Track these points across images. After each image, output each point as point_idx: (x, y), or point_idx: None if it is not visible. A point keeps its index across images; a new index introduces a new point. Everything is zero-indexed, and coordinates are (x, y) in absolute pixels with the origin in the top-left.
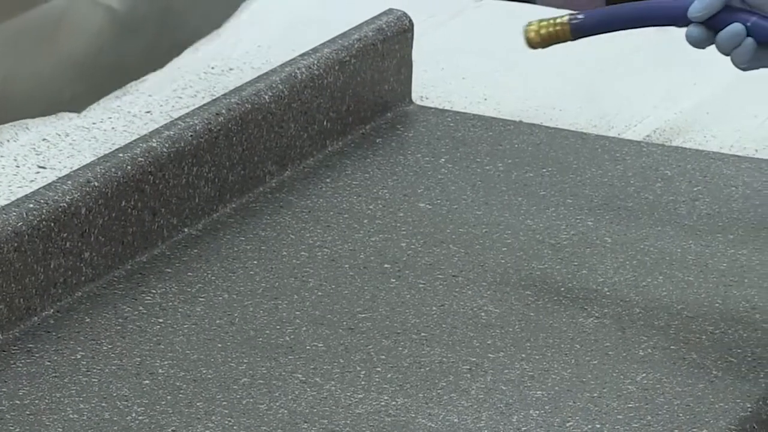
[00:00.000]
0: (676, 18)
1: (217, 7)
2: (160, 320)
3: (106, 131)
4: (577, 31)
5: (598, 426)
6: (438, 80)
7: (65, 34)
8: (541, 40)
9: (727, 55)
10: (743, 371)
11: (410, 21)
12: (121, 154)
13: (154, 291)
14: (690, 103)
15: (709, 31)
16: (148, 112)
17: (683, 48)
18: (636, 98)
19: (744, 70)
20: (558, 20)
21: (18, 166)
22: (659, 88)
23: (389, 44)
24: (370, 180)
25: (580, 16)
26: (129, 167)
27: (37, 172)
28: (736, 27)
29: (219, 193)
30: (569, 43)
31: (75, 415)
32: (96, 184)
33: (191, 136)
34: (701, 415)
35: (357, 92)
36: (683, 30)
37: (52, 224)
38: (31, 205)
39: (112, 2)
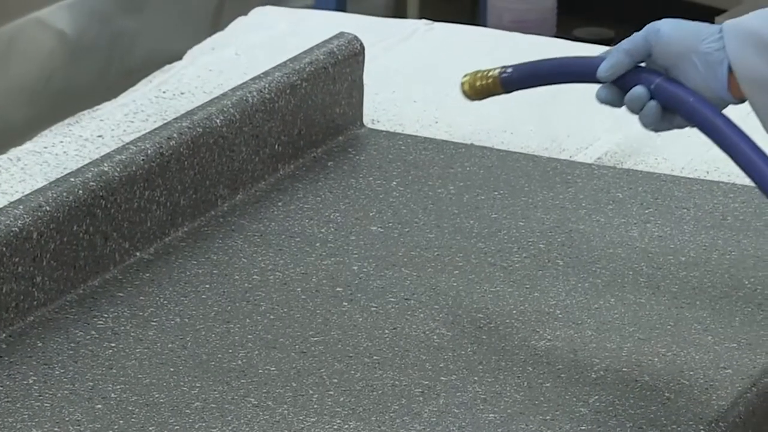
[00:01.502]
0: (591, 76)
1: (170, 34)
2: (113, 344)
3: (58, 155)
4: (506, 84)
5: None
6: (389, 103)
7: (16, 58)
8: (475, 92)
9: (636, 114)
10: (696, 393)
11: (361, 44)
12: (72, 179)
13: (106, 315)
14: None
15: (619, 90)
16: (99, 136)
17: None
18: (587, 121)
19: (655, 131)
20: (490, 73)
21: None
22: (610, 111)
23: (340, 67)
24: (321, 203)
25: (509, 70)
26: (81, 192)
27: None
28: (638, 90)
29: (171, 217)
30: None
31: None
32: (48, 208)
33: (143, 160)
34: None
35: (308, 116)
36: None
37: (4, 249)
38: None
39: (63, 26)
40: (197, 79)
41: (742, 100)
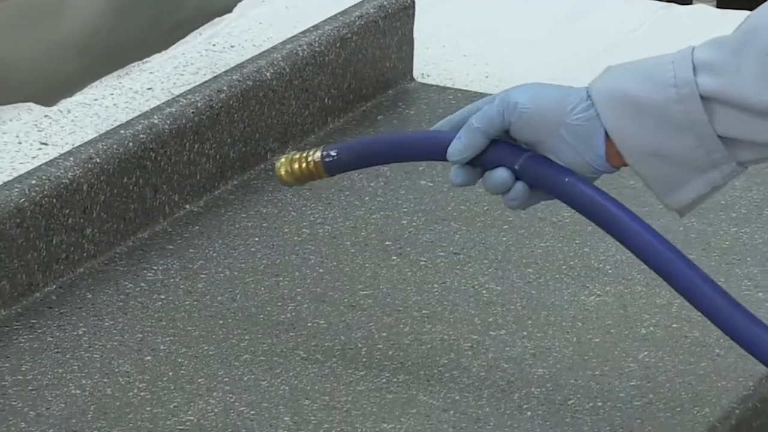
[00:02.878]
0: (439, 154)
1: None
2: (162, 297)
3: (108, 108)
4: (331, 170)
5: (599, 404)
6: (439, 57)
7: (65, 14)
8: (295, 179)
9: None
10: None
11: None
12: (122, 131)
13: (155, 267)
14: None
15: (475, 169)
16: (149, 88)
17: (684, 26)
18: None
19: (522, 209)
20: (310, 157)
21: (20, 143)
22: None
23: (390, 21)
24: None
25: (333, 153)
26: (131, 144)
27: (39, 149)
28: (501, 174)
29: (220, 169)
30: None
31: (77, 390)
32: (98, 160)
33: (193, 112)
34: (703, 393)
35: (358, 69)
36: (680, 11)
37: (54, 200)
38: (34, 182)
39: None
40: (247, 32)
41: (617, 168)
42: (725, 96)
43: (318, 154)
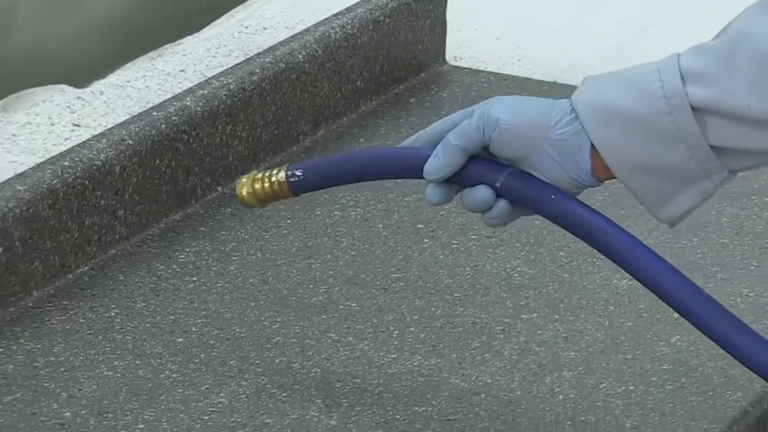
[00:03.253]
0: (415, 172)
1: None
2: (194, 278)
3: (140, 90)
4: (296, 190)
5: (631, 387)
6: (472, 40)
7: None
8: (258, 200)
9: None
10: None
11: None
12: (155, 113)
13: (187, 249)
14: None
15: (452, 186)
16: (182, 70)
17: (715, 12)
18: None
19: (503, 226)
20: (274, 177)
21: (53, 124)
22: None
23: (423, 4)
24: (403, 140)
25: (298, 173)
26: (163, 126)
27: (72, 130)
28: (483, 193)
29: (253, 152)
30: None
31: (109, 372)
32: (130, 142)
33: (225, 95)
34: (736, 377)
35: (391, 52)
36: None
37: (87, 182)
38: (66, 163)
39: None
40: (280, 14)
41: (602, 182)
42: (717, 106)
43: (282, 174)
